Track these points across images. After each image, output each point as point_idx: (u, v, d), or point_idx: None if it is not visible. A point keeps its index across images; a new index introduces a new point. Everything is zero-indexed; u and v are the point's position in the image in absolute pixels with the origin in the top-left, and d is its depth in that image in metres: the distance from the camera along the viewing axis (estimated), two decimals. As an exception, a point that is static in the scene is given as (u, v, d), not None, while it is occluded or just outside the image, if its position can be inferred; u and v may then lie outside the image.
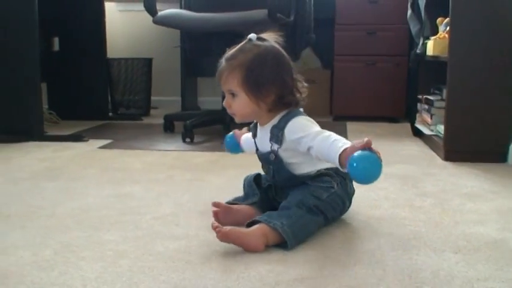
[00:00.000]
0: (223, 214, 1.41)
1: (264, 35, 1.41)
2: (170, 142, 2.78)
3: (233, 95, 1.39)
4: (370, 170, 1.15)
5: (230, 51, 1.40)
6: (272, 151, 1.42)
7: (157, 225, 1.45)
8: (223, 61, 1.40)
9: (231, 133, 1.70)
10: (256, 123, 1.51)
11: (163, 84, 4.30)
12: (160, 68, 4.20)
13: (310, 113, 1.46)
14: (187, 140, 2.76)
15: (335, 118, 3.66)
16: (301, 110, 1.45)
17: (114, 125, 3.48)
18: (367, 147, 1.16)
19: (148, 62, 4.01)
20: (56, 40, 3.73)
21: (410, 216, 1.54)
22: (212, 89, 4.29)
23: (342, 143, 1.23)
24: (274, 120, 1.42)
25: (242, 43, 1.40)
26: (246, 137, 1.62)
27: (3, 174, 2.09)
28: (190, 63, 4.00)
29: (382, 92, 3.58)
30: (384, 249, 1.28)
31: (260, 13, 2.63)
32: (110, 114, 3.83)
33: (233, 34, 2.87)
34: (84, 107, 3.70)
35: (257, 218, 1.31)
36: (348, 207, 1.49)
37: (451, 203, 1.68)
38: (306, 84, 1.43)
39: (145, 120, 3.71)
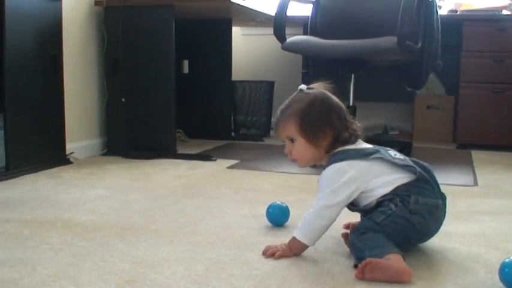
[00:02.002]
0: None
1: (313, 85, 1.52)
2: (293, 164, 2.84)
3: (292, 141, 1.49)
4: None
5: (284, 104, 1.51)
6: None
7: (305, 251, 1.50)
8: (278, 113, 1.51)
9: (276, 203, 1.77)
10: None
11: (284, 106, 4.39)
12: (282, 91, 4.29)
13: (431, 139, 1.49)
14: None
15: (459, 146, 3.58)
16: (359, 141, 1.50)
17: (238, 145, 3.61)
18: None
19: (270, 85, 4.13)
20: (186, 63, 3.94)
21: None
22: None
23: (302, 231, 1.43)
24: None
25: (294, 94, 1.52)
26: None
27: (144, 190, 2.24)
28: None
29: (510, 121, 3.47)
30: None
31: (389, 40, 2.65)
32: (232, 134, 3.98)
33: (359, 60, 2.95)
34: (209, 126, 3.88)
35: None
36: (427, 221, 1.43)
37: None
38: (359, 124, 1.51)
39: (266, 141, 3.81)
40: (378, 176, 1.43)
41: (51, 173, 2.58)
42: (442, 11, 3.70)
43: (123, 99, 3.07)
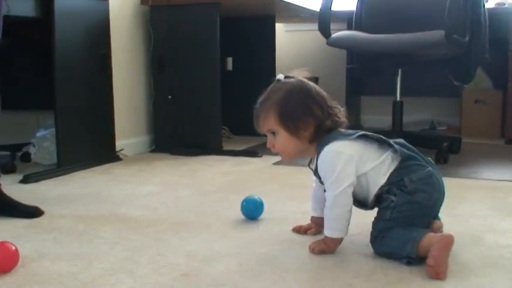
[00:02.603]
0: None
1: (291, 73, 1.49)
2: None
3: (274, 134, 1.46)
4: None
5: (262, 95, 1.48)
6: None
7: (354, 245, 1.50)
8: (257, 105, 1.48)
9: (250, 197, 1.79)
10: (310, 160, 1.54)
11: (327, 102, 4.38)
12: (326, 87, 4.27)
13: (479, 135, 1.46)
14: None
15: (507, 141, 3.51)
16: (341, 130, 1.46)
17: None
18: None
19: (314, 80, 4.09)
20: (230, 60, 3.96)
21: None
22: (374, 108, 4.31)
23: (328, 227, 1.42)
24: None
25: (271, 85, 1.48)
26: (314, 188, 1.62)
27: (192, 186, 2.27)
28: (355, 82, 4.05)
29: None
30: None
31: (436, 34, 2.61)
32: (276, 130, 3.98)
33: (405, 55, 2.92)
34: (253, 123, 3.88)
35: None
36: (429, 193, 1.41)
37: None
38: (342, 108, 1.47)
39: (311, 138, 3.80)
40: (371, 158, 1.42)
41: (102, 169, 2.64)
42: (490, 4, 3.63)
43: (170, 97, 3.12)
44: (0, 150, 2.70)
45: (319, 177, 1.48)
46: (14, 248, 1.34)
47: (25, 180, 2.36)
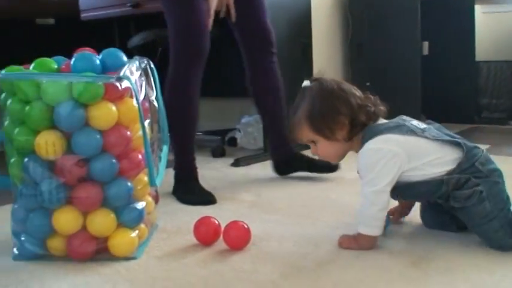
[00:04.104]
0: None
1: (315, 76, 1.46)
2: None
3: (314, 142, 1.44)
4: None
5: (293, 105, 1.46)
6: None
7: None
8: (291, 118, 1.47)
9: None
10: None
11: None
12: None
13: None
14: None
15: None
16: (382, 120, 1.41)
17: (484, 129, 3.45)
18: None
19: (514, 66, 3.87)
20: (426, 44, 3.85)
21: None
22: None
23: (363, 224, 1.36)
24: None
25: (299, 93, 1.45)
26: None
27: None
28: None
29: None
30: None
31: None
32: (475, 117, 3.81)
33: None
34: (450, 109, 3.75)
35: None
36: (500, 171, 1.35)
37: None
38: (374, 96, 1.43)
39: (513, 125, 3.59)
40: (422, 154, 1.33)
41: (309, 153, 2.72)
42: None
43: (368, 83, 3.11)
44: (211, 135, 2.90)
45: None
46: (246, 227, 1.44)
47: (236, 163, 2.51)
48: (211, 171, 2.42)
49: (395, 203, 1.54)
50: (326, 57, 3.12)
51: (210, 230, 1.46)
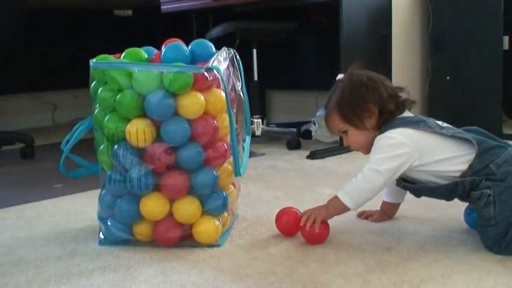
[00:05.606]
0: None
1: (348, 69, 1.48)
2: None
3: (345, 133, 1.45)
4: None
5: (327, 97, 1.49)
6: None
7: None
8: (324, 110, 1.50)
9: None
10: None
11: None
12: None
13: None
14: None
15: None
16: (408, 113, 1.43)
17: None
18: None
19: None
20: (506, 39, 3.71)
21: None
22: None
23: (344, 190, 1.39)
24: None
25: (332, 87, 1.48)
26: None
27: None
28: None
29: None
30: None
31: None
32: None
33: None
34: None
35: None
36: None
37: None
38: (404, 87, 1.45)
39: None
40: (435, 151, 1.34)
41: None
42: None
43: (448, 78, 3.04)
44: (286, 127, 2.91)
45: None
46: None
47: (312, 156, 2.51)
48: (286, 163, 2.43)
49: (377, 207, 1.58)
50: (404, 49, 3.06)
51: (292, 220, 1.46)
